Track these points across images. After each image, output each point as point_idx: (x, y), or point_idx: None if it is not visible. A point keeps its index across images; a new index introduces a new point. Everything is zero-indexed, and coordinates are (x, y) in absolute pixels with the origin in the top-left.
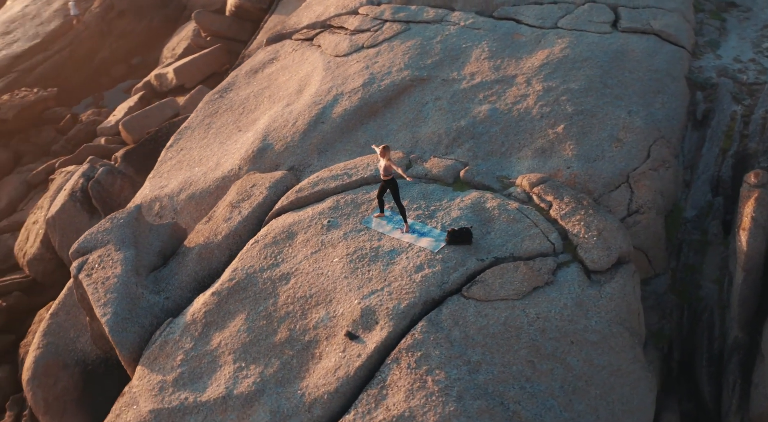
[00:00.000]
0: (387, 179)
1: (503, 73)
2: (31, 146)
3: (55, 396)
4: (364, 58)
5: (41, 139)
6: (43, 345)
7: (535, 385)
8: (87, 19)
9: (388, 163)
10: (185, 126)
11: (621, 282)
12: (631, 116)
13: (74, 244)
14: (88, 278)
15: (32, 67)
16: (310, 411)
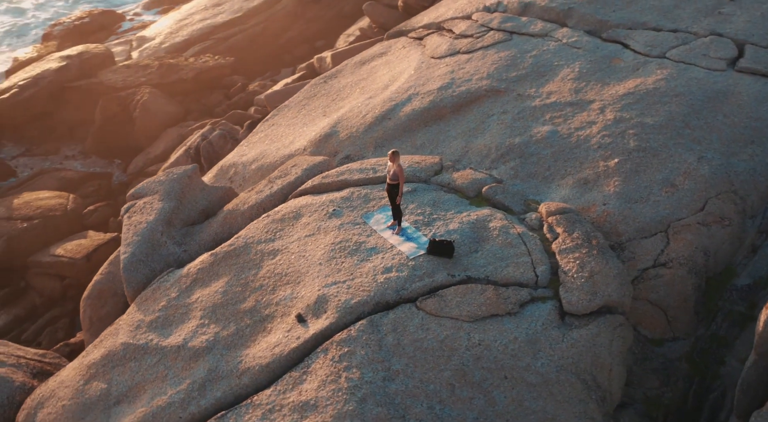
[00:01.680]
0: (393, 184)
1: (580, 97)
2: (200, 106)
3: (99, 318)
4: (455, 62)
5: (210, 101)
6: (105, 272)
7: (446, 409)
8: (286, 2)
9: (399, 169)
10: (285, 104)
11: (594, 331)
12: (700, 162)
13: (132, 189)
14: (128, 220)
15: (227, 38)
16: (239, 377)
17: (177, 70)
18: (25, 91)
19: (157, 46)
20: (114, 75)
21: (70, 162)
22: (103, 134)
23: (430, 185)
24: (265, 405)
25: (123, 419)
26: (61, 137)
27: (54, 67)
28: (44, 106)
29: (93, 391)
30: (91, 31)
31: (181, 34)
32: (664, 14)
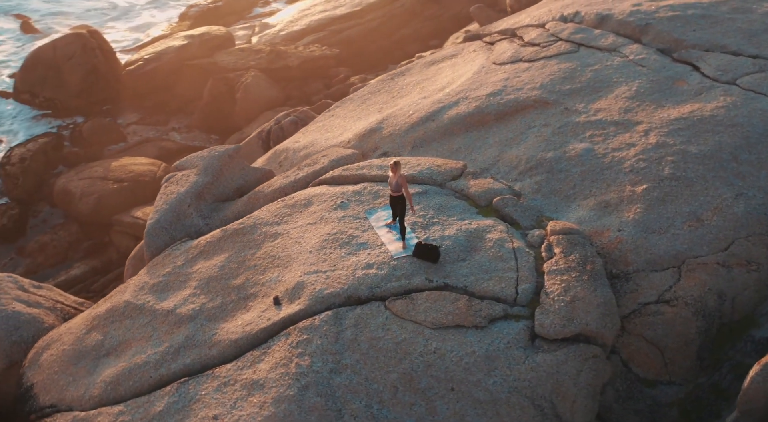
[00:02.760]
0: (396, 196)
1: (628, 117)
2: (299, 93)
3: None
4: (513, 70)
5: (310, 89)
6: None
7: (384, 410)
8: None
9: (402, 180)
10: (348, 97)
11: (561, 358)
12: (737, 199)
13: (179, 161)
14: (164, 189)
15: (341, 30)
16: (210, 348)
17: (284, 57)
18: (148, 65)
19: (275, 34)
20: (228, 57)
21: (174, 134)
22: (208, 111)
23: (444, 190)
24: (223, 378)
25: (106, 370)
26: (173, 110)
27: (177, 45)
28: (163, 80)
29: (90, 341)
30: (224, 14)
31: (299, 23)
32: (748, 38)
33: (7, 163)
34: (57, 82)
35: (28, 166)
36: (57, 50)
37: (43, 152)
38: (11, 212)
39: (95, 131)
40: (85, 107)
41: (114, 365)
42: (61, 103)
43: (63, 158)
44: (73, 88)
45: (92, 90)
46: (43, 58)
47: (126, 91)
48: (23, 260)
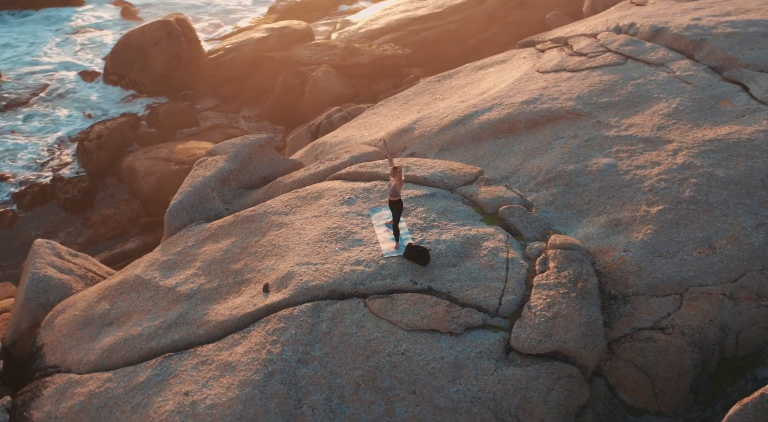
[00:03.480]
0: (393, 200)
1: (660, 135)
2: (368, 90)
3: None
4: (554, 79)
5: (378, 87)
6: None
7: (343, 406)
8: (491, 3)
9: (399, 183)
10: (393, 97)
11: (532, 374)
12: (758, 229)
13: (214, 146)
14: (192, 172)
15: (419, 31)
16: (198, 328)
17: (357, 54)
18: (228, 55)
19: (354, 31)
20: (304, 51)
21: (243, 122)
22: (278, 103)
23: (453, 194)
24: (203, 357)
25: (106, 338)
26: (247, 99)
27: (257, 37)
28: (240, 70)
29: (98, 309)
30: (310, 9)
31: (379, 22)
32: None
33: (85, 138)
34: (142, 66)
35: (104, 142)
36: (145, 35)
37: (120, 131)
38: (82, 184)
39: (170, 114)
40: (166, 90)
41: (113, 334)
42: (144, 85)
43: (138, 137)
44: (156, 72)
45: (174, 75)
46: (132, 43)
47: (206, 79)
48: (86, 230)
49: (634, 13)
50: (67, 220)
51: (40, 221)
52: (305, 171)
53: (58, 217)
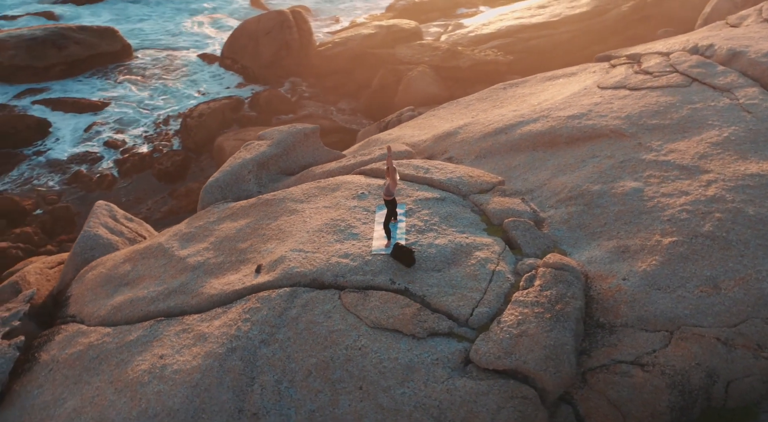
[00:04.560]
0: (387, 200)
1: (699, 164)
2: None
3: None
4: (610, 95)
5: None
6: None
7: (291, 390)
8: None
9: (393, 183)
10: (456, 101)
11: (483, 389)
12: None
13: (263, 131)
14: (237, 153)
15: (529, 39)
16: (192, 298)
17: (458, 57)
18: (335, 48)
19: (464, 34)
20: (407, 50)
21: (336, 114)
22: (373, 98)
23: (465, 201)
24: (186, 325)
25: (117, 297)
26: (346, 92)
27: (364, 33)
28: (344, 64)
29: (120, 270)
30: (427, 9)
31: (490, 27)
32: None
33: (189, 115)
34: (253, 53)
35: (204, 121)
36: (260, 24)
37: (221, 111)
38: (176, 158)
39: (270, 100)
40: (272, 77)
41: (125, 294)
42: (252, 71)
43: (238, 119)
44: (264, 59)
45: (281, 63)
46: (247, 30)
47: (311, 69)
48: (171, 201)
49: (719, 34)
50: (157, 189)
51: (133, 187)
52: (337, 163)
53: (150, 186)
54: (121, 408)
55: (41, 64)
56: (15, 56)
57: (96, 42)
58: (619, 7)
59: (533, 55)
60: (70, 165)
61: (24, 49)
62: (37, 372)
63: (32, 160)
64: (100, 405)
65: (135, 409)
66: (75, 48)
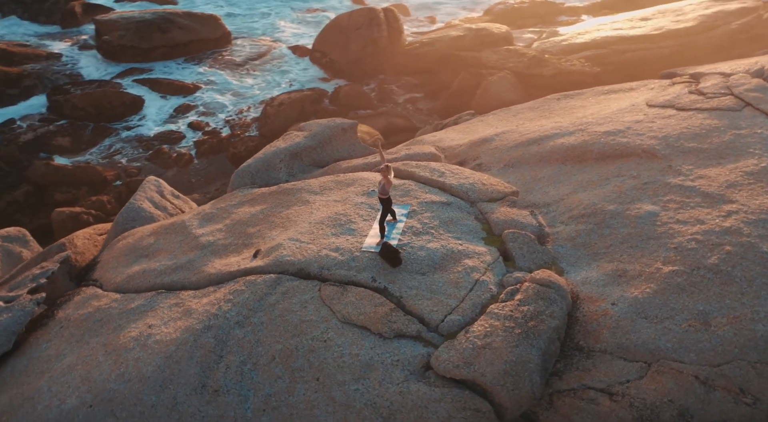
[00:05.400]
0: (383, 198)
1: (725, 193)
2: None
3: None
4: (654, 114)
5: None
6: None
7: (253, 373)
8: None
9: (387, 182)
10: (507, 108)
11: (436, 396)
12: None
13: (304, 123)
14: (274, 142)
15: (624, 51)
16: (194, 275)
17: (543, 65)
18: (422, 48)
19: (557, 42)
20: (492, 54)
21: (413, 113)
22: (451, 101)
23: (471, 208)
24: (180, 299)
25: (134, 266)
26: (427, 92)
27: (452, 34)
28: (429, 64)
29: (144, 242)
30: (525, 15)
31: (585, 36)
32: None
33: (270, 104)
34: (341, 48)
35: (283, 110)
36: (350, 20)
37: (300, 102)
38: (250, 144)
39: (349, 95)
40: (358, 73)
41: (140, 264)
42: (339, 66)
43: (316, 111)
44: (351, 54)
45: (367, 59)
46: (338, 25)
47: (398, 68)
48: None
49: None
50: (228, 172)
51: (206, 168)
52: (362, 160)
53: (222, 168)
54: (104, 369)
55: (146, 45)
56: (123, 37)
57: (198, 28)
58: (728, 24)
59: (625, 68)
60: (154, 142)
61: (132, 30)
62: (50, 327)
63: (122, 134)
64: (90, 364)
65: (114, 372)
66: (178, 32)
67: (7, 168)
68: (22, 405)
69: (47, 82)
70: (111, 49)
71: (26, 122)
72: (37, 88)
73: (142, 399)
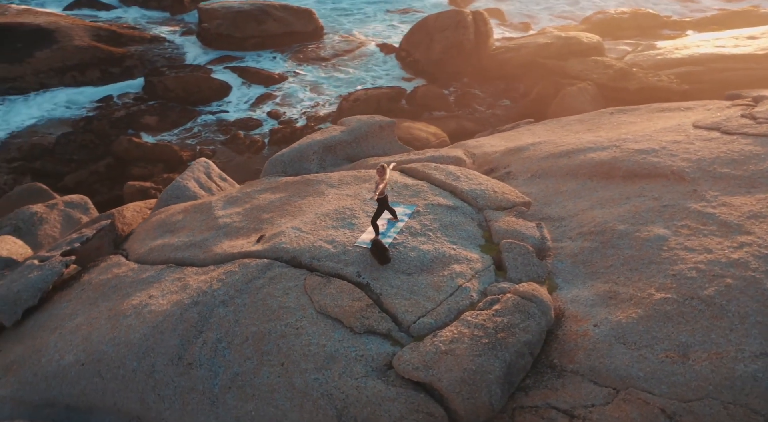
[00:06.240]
0: (379, 199)
1: (744, 224)
2: None
3: None
4: (695, 135)
5: None
6: None
7: (226, 351)
8: None
9: (383, 183)
10: (559, 119)
11: (391, 395)
12: (755, 358)
13: (345, 118)
14: (312, 134)
15: (723, 70)
16: (202, 253)
17: (628, 78)
18: (506, 53)
19: (651, 56)
20: (578, 64)
21: (486, 118)
22: (528, 108)
23: (477, 214)
24: (183, 275)
25: (157, 241)
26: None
27: (540, 42)
28: (512, 70)
29: (173, 218)
30: (625, 27)
31: (682, 52)
32: None
33: (346, 99)
34: (426, 48)
35: (358, 106)
36: (437, 21)
37: (377, 100)
38: None
39: (426, 96)
40: (440, 74)
41: (164, 239)
42: (422, 66)
43: (392, 109)
44: (434, 55)
45: (450, 61)
46: (425, 26)
47: (481, 72)
48: None
49: None
50: None
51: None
52: (389, 158)
53: None
54: (102, 332)
55: (240, 35)
56: (221, 25)
57: (292, 21)
58: None
59: (720, 88)
60: (232, 127)
61: (230, 19)
62: (74, 288)
63: (204, 118)
64: (93, 326)
65: (108, 335)
66: (272, 24)
67: (97, 141)
68: (30, 356)
69: (147, 63)
70: (209, 37)
71: (122, 100)
72: (137, 69)
73: (125, 363)
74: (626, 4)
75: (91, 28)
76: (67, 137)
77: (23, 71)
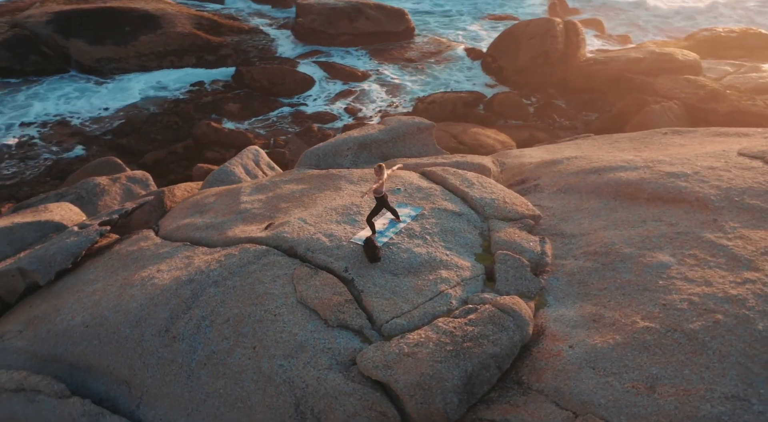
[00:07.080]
0: (377, 198)
1: (755, 260)
2: None
3: None
4: (735, 163)
5: None
6: None
7: (207, 330)
8: None
9: (379, 184)
10: (610, 135)
11: (347, 391)
12: (725, 401)
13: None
14: (349, 131)
15: None
16: (217, 235)
17: (719, 100)
18: (594, 66)
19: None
20: (668, 82)
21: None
22: (607, 123)
23: (482, 223)
24: (193, 253)
25: (186, 219)
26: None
27: (631, 56)
28: (600, 83)
29: (206, 200)
30: (730, 46)
31: None
32: None
33: (422, 100)
34: (512, 55)
35: (432, 108)
36: (527, 28)
37: (452, 103)
38: None
39: (504, 104)
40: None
41: (192, 219)
42: (506, 73)
43: (466, 114)
44: (520, 63)
45: (535, 70)
46: (514, 33)
47: (568, 83)
48: None
49: None
50: None
51: None
52: (416, 160)
53: None
54: (109, 298)
55: (332, 31)
56: (314, 21)
57: (384, 20)
58: None
59: None
60: (309, 120)
61: (324, 15)
62: (104, 256)
63: (284, 109)
64: (106, 292)
65: (113, 302)
66: (364, 22)
67: (180, 123)
68: (49, 314)
69: (241, 53)
70: (302, 31)
71: (212, 87)
72: (231, 58)
73: (120, 330)
74: (742, 23)
75: (194, 16)
76: (155, 118)
77: (127, 53)
